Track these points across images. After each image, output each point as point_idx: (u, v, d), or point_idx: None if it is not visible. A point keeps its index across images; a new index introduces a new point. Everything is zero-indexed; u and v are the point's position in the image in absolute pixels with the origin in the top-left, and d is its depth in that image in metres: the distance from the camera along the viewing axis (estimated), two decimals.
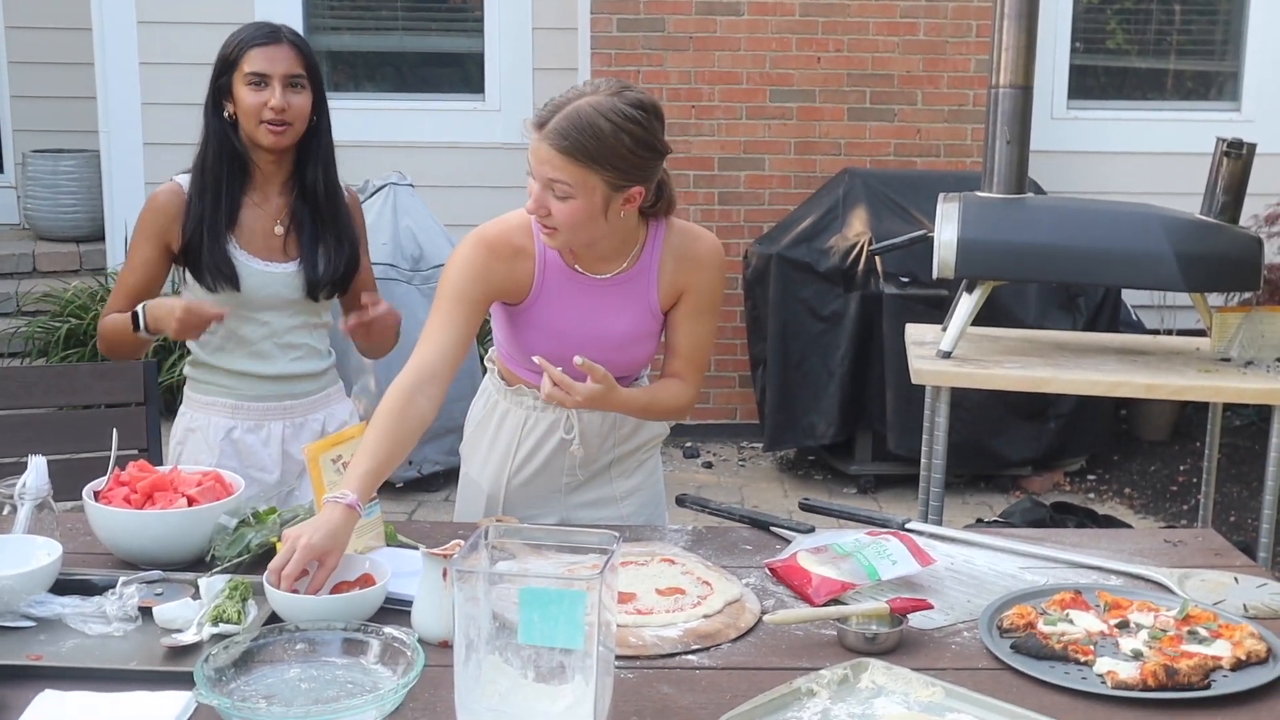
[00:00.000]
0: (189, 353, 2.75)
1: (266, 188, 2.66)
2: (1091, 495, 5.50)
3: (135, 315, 2.57)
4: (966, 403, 5.04)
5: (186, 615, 1.89)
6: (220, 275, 2.58)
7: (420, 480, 5.26)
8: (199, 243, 2.58)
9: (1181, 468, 5.65)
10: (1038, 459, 5.51)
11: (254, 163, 2.63)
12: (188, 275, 2.64)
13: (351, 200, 2.77)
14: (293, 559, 1.89)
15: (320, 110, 2.65)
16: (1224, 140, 3.27)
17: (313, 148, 2.65)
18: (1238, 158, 3.23)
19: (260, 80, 2.55)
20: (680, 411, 2.46)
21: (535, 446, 2.46)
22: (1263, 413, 5.76)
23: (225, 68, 2.60)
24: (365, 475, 2.07)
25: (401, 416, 2.17)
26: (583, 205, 2.18)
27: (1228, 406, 4.48)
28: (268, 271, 2.63)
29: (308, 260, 2.66)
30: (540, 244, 2.33)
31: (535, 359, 2.23)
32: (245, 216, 2.63)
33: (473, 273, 2.31)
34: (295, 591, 1.88)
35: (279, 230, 2.65)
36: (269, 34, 2.59)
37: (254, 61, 2.56)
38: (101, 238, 6.64)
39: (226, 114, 2.61)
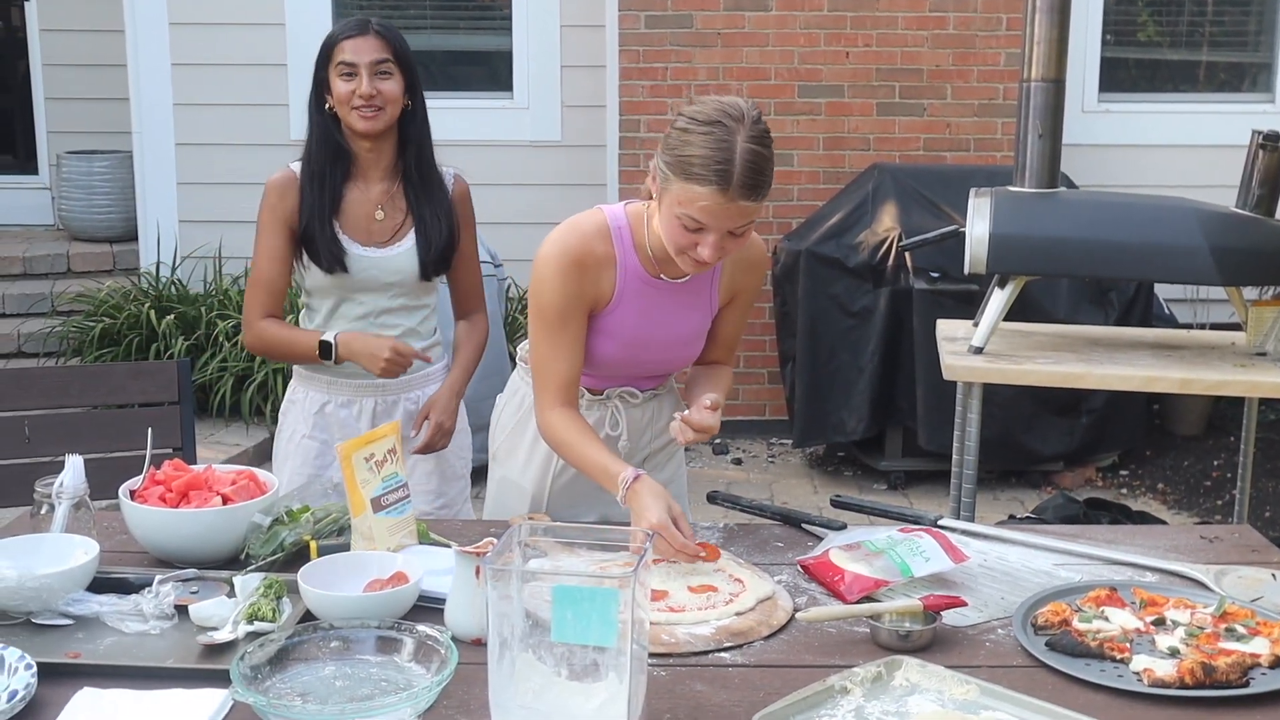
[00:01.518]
0: (297, 321, 2.90)
1: (369, 175, 2.77)
2: (1124, 491, 5.46)
3: (326, 345, 2.70)
4: (997, 398, 5.01)
5: (222, 613, 1.90)
6: (333, 258, 2.71)
7: None
8: (314, 229, 2.70)
9: (1215, 463, 5.60)
10: (1070, 454, 5.47)
11: (354, 152, 2.75)
12: (307, 260, 2.75)
13: (460, 188, 2.88)
14: (670, 540, 2.06)
15: (414, 95, 2.76)
16: (1259, 132, 3.24)
17: (408, 133, 2.77)
18: (1274, 150, 3.20)
19: (350, 70, 2.67)
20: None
21: None
22: None
23: (322, 62, 2.73)
24: (614, 454, 2.26)
25: (581, 418, 2.33)
26: (751, 228, 2.21)
27: (1263, 401, 4.43)
28: (367, 256, 2.74)
29: (420, 243, 2.77)
30: (621, 249, 2.32)
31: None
32: (349, 203, 2.76)
33: (573, 290, 2.29)
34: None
35: (379, 216, 2.76)
36: (357, 26, 2.72)
37: (344, 53, 2.68)
38: (135, 238, 6.69)
39: (327, 106, 2.73)
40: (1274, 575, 2.14)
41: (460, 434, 2.93)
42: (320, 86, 2.74)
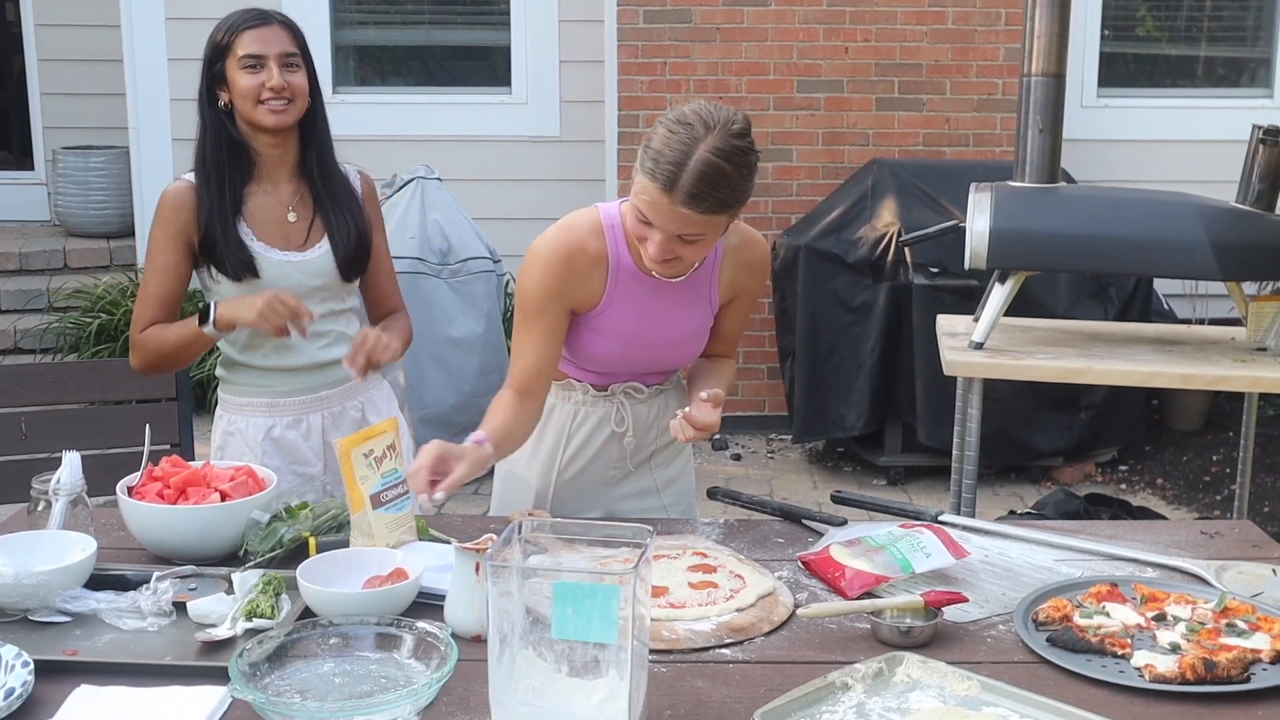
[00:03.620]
0: (219, 353, 2.75)
1: (274, 175, 2.63)
2: (1123, 486, 5.46)
3: (205, 310, 2.53)
4: (997, 394, 5.01)
5: (220, 610, 1.90)
6: (241, 265, 2.56)
7: None
8: (215, 235, 2.56)
9: (1214, 458, 5.60)
10: (1069, 450, 5.47)
11: (255, 150, 2.60)
12: (214, 271, 2.60)
13: (366, 185, 2.75)
14: (422, 457, 2.06)
15: (315, 92, 2.63)
16: (1260, 127, 3.23)
17: (310, 130, 2.64)
18: (1274, 145, 3.19)
19: (256, 62, 2.53)
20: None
21: (585, 441, 2.47)
22: None
23: (217, 55, 2.57)
24: (495, 424, 2.25)
25: (519, 406, 2.32)
26: (710, 240, 2.19)
27: (1262, 396, 4.43)
28: (287, 261, 2.61)
29: (337, 244, 2.64)
30: (614, 248, 2.32)
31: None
32: (256, 206, 2.61)
33: (554, 287, 2.30)
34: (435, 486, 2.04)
35: (292, 218, 2.63)
36: (258, 16, 2.57)
37: (247, 44, 2.53)
38: (131, 233, 6.68)
39: (221, 103, 2.59)
40: (1275, 570, 2.13)
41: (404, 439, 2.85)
42: (213, 82, 2.57)
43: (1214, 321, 4.15)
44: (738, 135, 2.11)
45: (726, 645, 1.87)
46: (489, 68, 6.61)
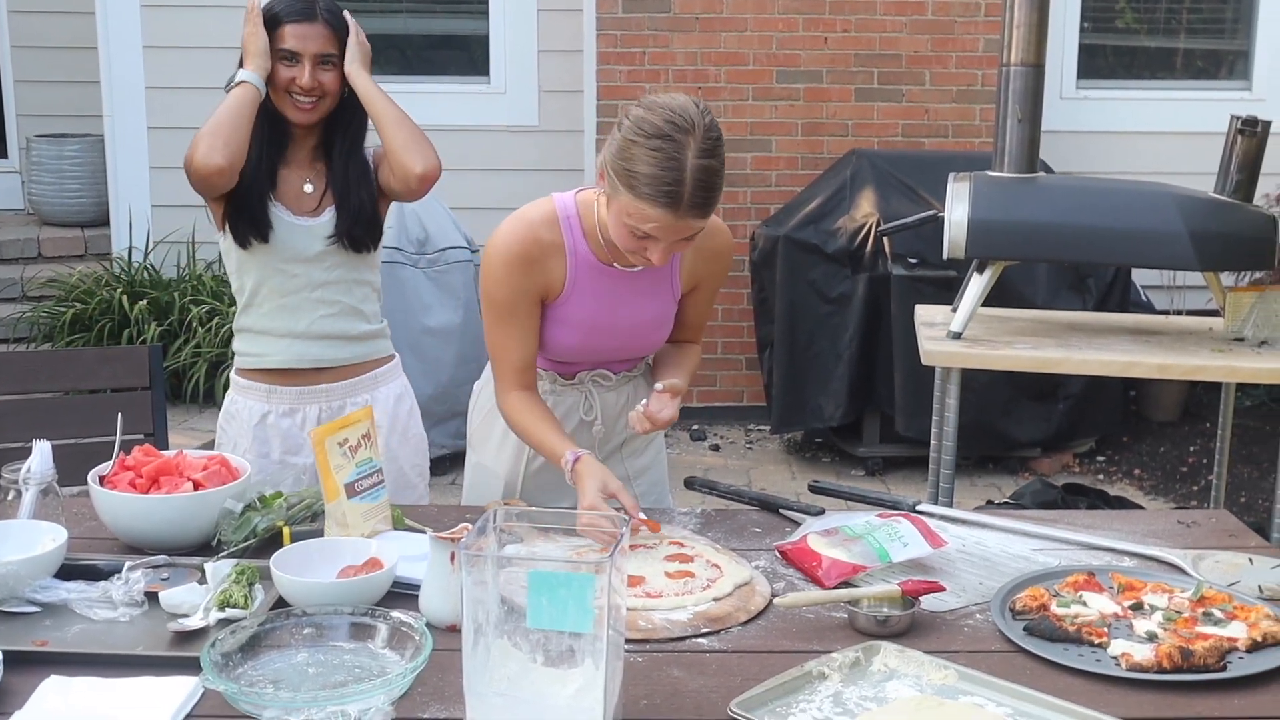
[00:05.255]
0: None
1: (299, 152, 2.66)
2: (1101, 477, 5.48)
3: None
4: (974, 384, 5.01)
5: (193, 600, 1.88)
6: (253, 229, 2.59)
7: None
8: (246, 199, 2.58)
9: (1191, 449, 5.62)
10: (1046, 440, 5.49)
11: (287, 130, 2.63)
12: (227, 230, 2.62)
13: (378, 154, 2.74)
14: (596, 503, 2.11)
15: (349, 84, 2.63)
16: (1238, 118, 3.24)
17: (343, 120, 2.65)
18: (1252, 135, 3.20)
19: (292, 58, 2.55)
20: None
21: None
22: (1274, 393, 5.76)
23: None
24: (563, 436, 2.28)
25: (539, 398, 2.36)
26: (703, 228, 2.18)
27: (1239, 387, 4.45)
28: (296, 224, 2.62)
29: (342, 215, 2.64)
30: (571, 239, 2.31)
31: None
32: (280, 175, 2.64)
33: (518, 282, 2.29)
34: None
35: (308, 189, 2.65)
36: (303, 11, 2.57)
37: (287, 38, 2.55)
38: (106, 222, 6.62)
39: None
40: (1251, 560, 2.14)
41: (415, 440, 2.82)
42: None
43: (1191, 312, 4.17)
44: (710, 127, 2.09)
45: (703, 635, 1.86)
46: (467, 57, 6.58)
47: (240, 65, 2.57)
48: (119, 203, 6.41)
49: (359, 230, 2.66)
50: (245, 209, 2.60)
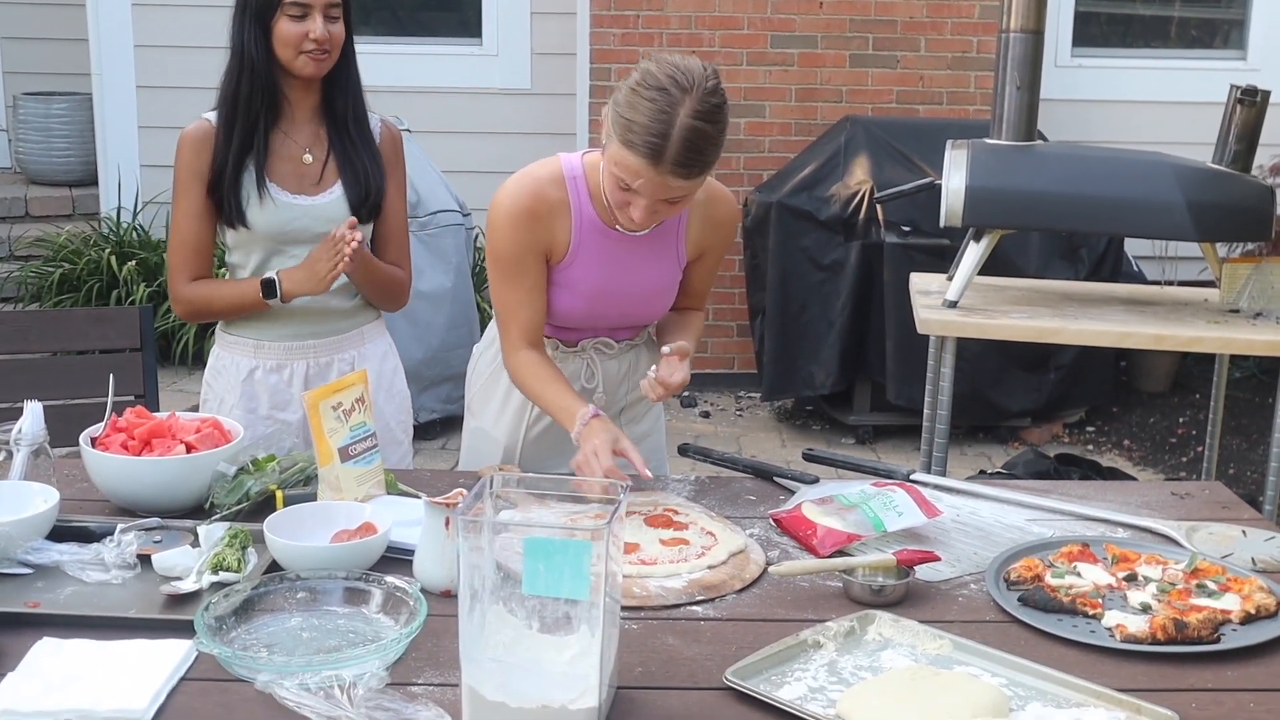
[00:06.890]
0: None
1: (295, 117, 2.60)
2: (1090, 447, 5.49)
3: (269, 284, 2.53)
4: (966, 354, 5.00)
5: (186, 563, 1.87)
6: (238, 213, 2.54)
7: (417, 428, 5.23)
8: (232, 180, 2.53)
9: (1181, 420, 5.64)
10: (1037, 410, 5.49)
11: (284, 94, 2.58)
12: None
13: (388, 134, 2.71)
14: (600, 459, 2.11)
15: (349, 39, 2.60)
16: (1238, 88, 3.22)
17: (343, 76, 2.61)
18: (1251, 105, 3.19)
19: (302, 11, 2.50)
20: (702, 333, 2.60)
21: None
22: (1264, 365, 5.77)
23: (268, 4, 2.51)
24: (576, 395, 2.27)
25: (549, 358, 2.36)
26: (692, 195, 2.17)
27: (1231, 358, 4.46)
28: (296, 204, 2.58)
29: (349, 185, 2.60)
30: (576, 199, 2.29)
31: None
32: (274, 147, 2.58)
33: (524, 237, 2.28)
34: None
35: (308, 159, 2.60)
36: None
37: None
38: (94, 182, 6.57)
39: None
40: (1244, 532, 2.14)
41: (400, 397, 2.80)
42: (265, 23, 2.50)
43: (1183, 283, 4.16)
44: (712, 92, 2.07)
45: (698, 603, 1.86)
46: (459, 18, 6.52)
47: (279, 282, 2.54)
48: (107, 162, 6.35)
49: (374, 206, 2.63)
50: (228, 192, 2.54)
